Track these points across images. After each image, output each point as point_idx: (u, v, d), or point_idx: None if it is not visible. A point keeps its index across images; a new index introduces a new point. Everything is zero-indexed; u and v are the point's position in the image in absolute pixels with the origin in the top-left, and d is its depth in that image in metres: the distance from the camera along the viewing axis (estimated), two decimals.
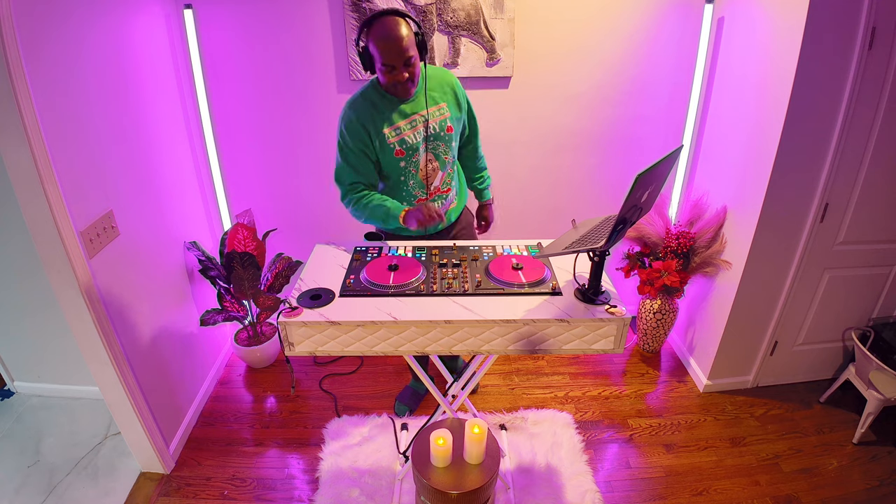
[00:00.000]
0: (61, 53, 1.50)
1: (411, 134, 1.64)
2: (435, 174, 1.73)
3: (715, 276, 2.32)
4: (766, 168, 1.90)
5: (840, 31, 1.69)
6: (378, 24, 1.46)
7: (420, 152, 1.67)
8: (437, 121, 1.66)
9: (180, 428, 2.14)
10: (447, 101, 1.69)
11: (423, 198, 1.75)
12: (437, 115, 1.66)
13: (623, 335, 1.33)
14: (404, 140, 1.64)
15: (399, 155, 1.65)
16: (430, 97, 1.64)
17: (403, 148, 1.65)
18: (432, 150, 1.68)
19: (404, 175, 1.70)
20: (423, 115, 1.64)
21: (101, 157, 1.69)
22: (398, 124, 1.62)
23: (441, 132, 1.68)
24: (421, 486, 1.48)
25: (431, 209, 1.56)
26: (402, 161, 1.66)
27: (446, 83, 1.70)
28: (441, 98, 1.68)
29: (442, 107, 1.68)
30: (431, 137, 1.66)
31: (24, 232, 1.81)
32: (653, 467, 2.02)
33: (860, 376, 2.15)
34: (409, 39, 1.47)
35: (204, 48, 2.16)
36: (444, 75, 1.71)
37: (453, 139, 1.72)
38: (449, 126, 1.69)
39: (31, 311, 2.18)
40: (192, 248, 2.23)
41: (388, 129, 1.61)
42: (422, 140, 1.65)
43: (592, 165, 2.48)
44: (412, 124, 1.63)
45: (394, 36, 1.45)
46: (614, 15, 2.16)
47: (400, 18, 1.47)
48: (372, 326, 1.31)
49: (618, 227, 1.23)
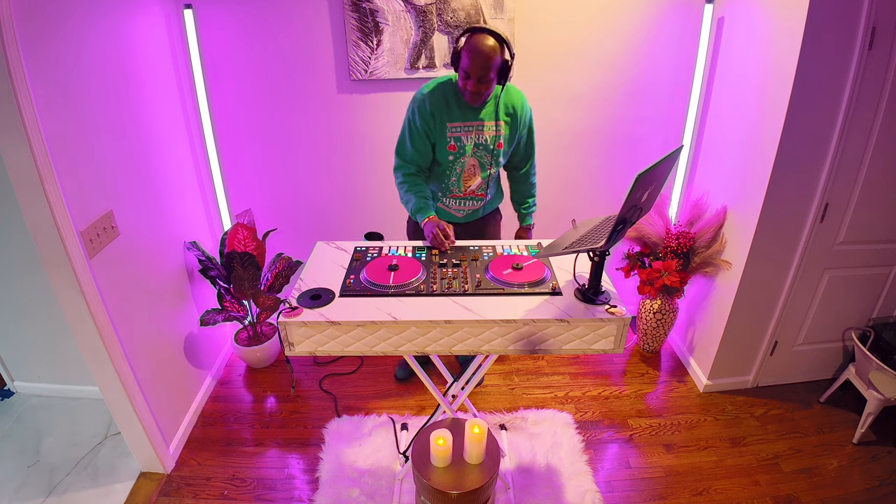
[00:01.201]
0: (61, 53, 1.50)
1: (466, 136, 1.79)
2: (475, 179, 1.87)
3: (715, 276, 2.32)
4: (766, 168, 1.90)
5: (840, 31, 1.69)
6: (479, 36, 1.59)
7: (468, 154, 1.81)
8: (492, 135, 1.80)
9: (180, 428, 2.14)
10: (507, 122, 1.81)
11: (457, 194, 1.90)
12: (492, 130, 1.79)
13: (623, 335, 1.34)
14: (460, 139, 1.79)
15: (451, 150, 1.80)
16: (495, 112, 1.77)
17: (457, 145, 1.80)
18: (478, 157, 1.83)
19: (450, 169, 1.84)
20: (480, 125, 1.78)
21: (102, 157, 1.69)
22: (460, 123, 1.77)
23: (492, 146, 1.81)
24: (421, 486, 1.48)
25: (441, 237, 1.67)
26: (451, 155, 1.81)
27: (513, 106, 1.81)
28: (503, 118, 1.80)
29: (500, 125, 1.80)
30: (481, 147, 1.80)
31: (24, 232, 1.81)
32: (653, 467, 2.02)
33: (860, 376, 2.15)
34: (494, 62, 1.59)
35: (204, 48, 2.17)
36: (515, 98, 1.81)
37: (501, 155, 1.85)
38: (500, 143, 1.82)
39: (31, 311, 2.18)
40: (192, 248, 2.23)
41: (451, 124, 1.77)
42: (473, 145, 1.80)
43: (592, 165, 2.48)
44: (469, 129, 1.78)
45: (485, 54, 1.57)
46: (614, 15, 2.16)
47: (500, 44, 1.60)
48: (372, 326, 1.31)
49: (618, 227, 1.23)
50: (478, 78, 1.61)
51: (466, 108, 1.75)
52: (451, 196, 1.91)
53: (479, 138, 1.79)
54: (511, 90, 1.81)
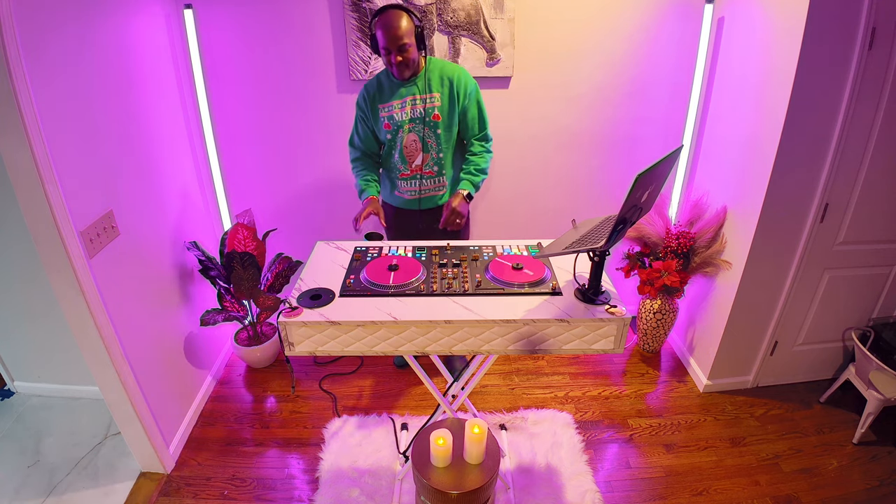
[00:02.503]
0: (61, 53, 1.50)
1: (400, 112, 1.89)
2: (417, 154, 1.94)
3: (715, 276, 2.32)
4: (766, 168, 1.90)
5: (840, 31, 1.69)
6: (383, 14, 1.71)
7: (405, 130, 1.90)
8: (425, 107, 1.88)
9: (180, 428, 2.14)
10: (441, 93, 1.88)
11: (405, 173, 1.98)
12: (426, 102, 1.88)
13: (623, 335, 1.33)
14: (392, 116, 1.90)
15: (387, 128, 1.92)
16: (426, 85, 1.87)
17: (391, 123, 1.90)
18: (417, 132, 1.90)
19: (392, 147, 1.95)
20: (413, 99, 1.88)
21: (102, 157, 1.69)
22: (392, 102, 1.89)
23: (427, 118, 1.89)
24: (421, 486, 1.48)
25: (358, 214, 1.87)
26: (388, 134, 1.92)
27: (447, 76, 1.88)
28: (436, 88, 1.88)
29: (434, 96, 1.88)
30: (417, 122, 1.89)
31: (24, 232, 1.81)
32: (653, 467, 2.02)
33: (860, 376, 2.15)
34: (406, 29, 1.71)
35: (204, 48, 2.16)
36: (449, 69, 1.90)
37: (440, 127, 1.90)
38: (436, 114, 1.89)
39: (31, 311, 2.18)
40: (192, 248, 2.23)
41: (382, 105, 1.90)
42: (408, 120, 1.89)
43: (592, 165, 2.48)
44: (402, 104, 1.88)
45: (392, 24, 1.69)
46: (614, 15, 2.16)
47: (402, 11, 1.72)
48: (372, 326, 1.31)
49: (618, 227, 1.23)
50: (396, 47, 1.72)
51: (396, 87, 1.87)
52: (401, 177, 1.99)
53: (414, 112, 1.87)
54: (446, 64, 1.91)
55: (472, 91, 1.91)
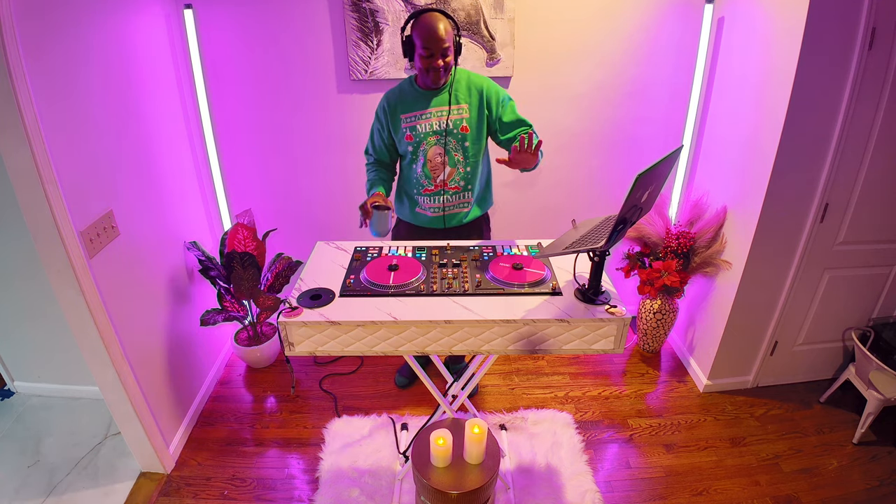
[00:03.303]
0: (61, 53, 1.50)
1: (424, 124, 1.78)
2: (442, 168, 1.83)
3: (715, 276, 2.32)
4: (766, 168, 1.90)
5: (840, 31, 1.69)
6: (425, 15, 1.64)
7: (428, 143, 1.80)
8: (454, 119, 1.78)
9: (180, 428, 2.14)
10: (470, 104, 1.79)
11: (429, 188, 1.87)
12: (455, 113, 1.78)
13: (623, 335, 1.33)
14: (415, 128, 1.79)
15: (408, 139, 1.80)
16: (453, 96, 1.77)
17: (413, 134, 1.79)
18: (443, 145, 1.80)
19: (413, 161, 1.84)
20: (438, 111, 1.77)
21: (102, 157, 1.69)
22: (415, 112, 1.78)
23: (455, 129, 1.78)
24: (421, 486, 1.48)
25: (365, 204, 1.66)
26: (410, 146, 1.81)
27: (475, 86, 1.79)
28: (465, 99, 1.79)
29: (462, 107, 1.78)
30: (444, 133, 1.78)
31: (24, 232, 1.81)
32: (653, 467, 2.02)
33: (860, 376, 2.15)
34: (448, 33, 1.64)
35: (204, 48, 2.16)
36: (476, 79, 1.80)
37: (468, 139, 1.80)
38: (464, 126, 1.79)
39: (31, 311, 2.18)
40: (192, 248, 2.23)
41: (404, 115, 1.79)
42: (432, 132, 1.78)
43: (592, 165, 2.48)
44: (427, 116, 1.78)
45: (437, 26, 1.62)
46: (614, 15, 2.16)
47: (444, 15, 1.66)
48: (372, 326, 1.31)
49: (618, 227, 1.23)
50: (440, 51, 1.64)
51: (420, 97, 1.78)
52: (424, 192, 1.88)
53: (440, 124, 1.77)
54: (471, 74, 1.81)
55: (504, 98, 1.81)
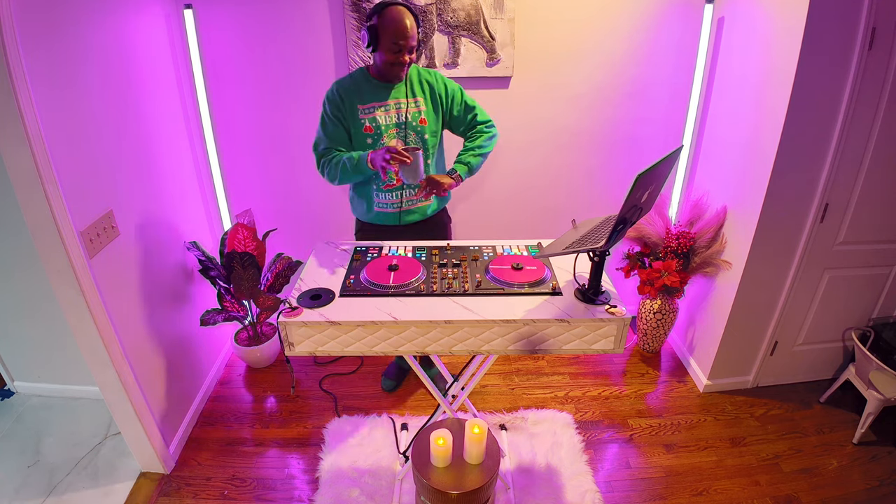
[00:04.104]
0: (61, 53, 1.50)
1: (383, 115, 1.76)
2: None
3: (715, 276, 2.32)
4: (766, 168, 1.90)
5: (840, 31, 1.69)
6: (394, 9, 1.62)
7: (390, 135, 1.77)
8: (412, 111, 1.78)
9: (180, 428, 2.14)
10: (424, 98, 1.80)
11: (390, 183, 1.82)
12: (412, 106, 1.78)
13: (623, 335, 1.33)
14: (375, 119, 1.75)
15: (367, 131, 1.76)
16: (409, 90, 1.77)
17: (373, 126, 1.76)
18: (402, 137, 1.79)
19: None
20: (397, 103, 1.76)
21: (102, 157, 1.69)
22: (373, 104, 1.75)
23: (414, 122, 1.78)
24: (421, 486, 1.48)
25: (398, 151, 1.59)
26: (368, 138, 1.77)
27: (426, 81, 1.80)
28: (419, 93, 1.79)
29: (419, 100, 1.79)
30: (403, 126, 1.77)
31: (24, 232, 1.81)
32: (653, 467, 2.02)
33: (860, 376, 2.15)
34: (414, 29, 1.64)
35: (204, 48, 2.16)
36: (425, 73, 1.82)
37: (426, 132, 1.80)
38: (422, 119, 1.79)
39: (30, 310, 2.18)
40: (192, 248, 2.23)
41: (362, 106, 1.75)
42: (392, 125, 1.77)
43: (592, 165, 2.48)
44: (386, 108, 1.76)
45: (406, 22, 1.61)
46: (614, 15, 2.16)
47: (410, 11, 1.64)
48: (372, 326, 1.31)
49: (618, 227, 1.23)
50: (408, 48, 1.64)
51: (378, 89, 1.74)
52: (384, 189, 1.82)
53: (400, 116, 1.75)
54: (421, 69, 1.82)
55: (457, 91, 1.83)
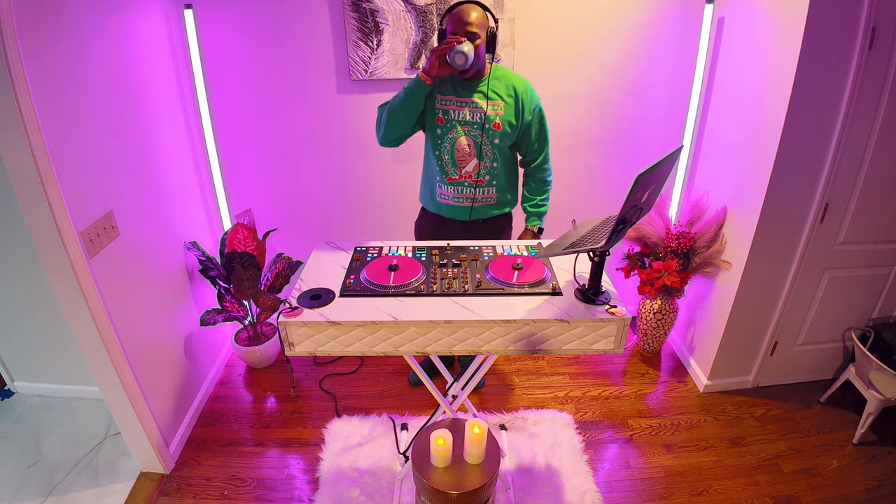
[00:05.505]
0: (61, 53, 1.50)
1: (458, 111, 1.77)
2: (469, 159, 1.81)
3: (715, 277, 2.32)
4: (766, 168, 1.90)
5: (840, 31, 1.69)
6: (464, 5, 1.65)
7: (458, 132, 1.78)
8: (489, 114, 1.76)
9: (180, 428, 2.14)
10: (506, 103, 1.77)
11: (453, 177, 1.85)
12: (490, 109, 1.76)
13: (623, 335, 1.33)
14: (448, 112, 1.77)
15: (440, 122, 1.79)
16: (490, 91, 1.76)
17: (445, 118, 1.78)
18: (472, 137, 1.78)
19: (440, 145, 1.82)
20: (474, 102, 1.76)
21: (102, 157, 1.69)
22: (451, 97, 1.77)
23: (487, 124, 1.77)
24: (421, 486, 1.48)
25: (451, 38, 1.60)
26: (438, 129, 1.79)
27: (513, 87, 1.77)
28: (503, 98, 1.77)
29: (498, 104, 1.77)
30: (475, 126, 1.77)
31: (23, 231, 1.81)
32: (653, 467, 2.02)
33: (860, 376, 2.15)
34: (478, 19, 1.64)
35: (204, 48, 2.16)
36: (516, 81, 1.79)
37: (498, 136, 1.79)
38: (497, 123, 1.77)
39: (31, 311, 2.18)
40: (192, 248, 2.23)
41: (441, 97, 1.77)
42: (465, 122, 1.77)
43: (592, 166, 2.48)
44: (462, 104, 1.76)
45: (466, 11, 1.63)
46: (614, 15, 2.16)
47: (479, 6, 1.66)
48: (372, 326, 1.31)
49: (618, 227, 1.23)
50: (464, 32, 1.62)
51: (460, 86, 1.76)
52: (448, 181, 1.86)
53: (473, 116, 1.76)
54: (511, 74, 1.80)
55: (538, 109, 1.81)
